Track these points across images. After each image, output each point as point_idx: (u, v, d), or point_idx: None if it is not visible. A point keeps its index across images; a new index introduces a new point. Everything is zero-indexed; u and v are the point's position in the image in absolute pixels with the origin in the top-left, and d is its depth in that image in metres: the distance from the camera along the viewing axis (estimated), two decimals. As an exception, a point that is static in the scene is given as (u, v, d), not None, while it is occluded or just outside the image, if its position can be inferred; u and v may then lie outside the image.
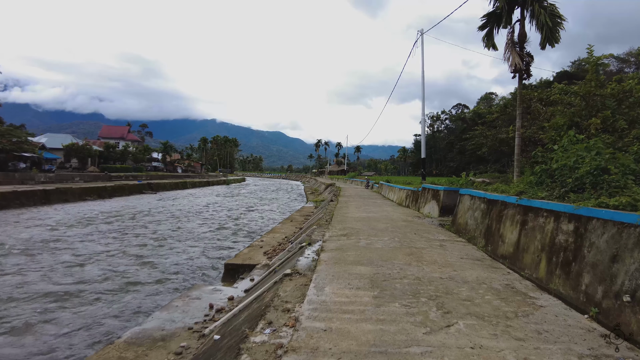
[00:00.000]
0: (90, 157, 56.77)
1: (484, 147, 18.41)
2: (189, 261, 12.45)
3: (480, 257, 6.10)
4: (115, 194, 39.11)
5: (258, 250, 12.24)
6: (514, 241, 5.82)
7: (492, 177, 14.21)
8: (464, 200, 8.82)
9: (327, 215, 12.20)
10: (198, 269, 11.52)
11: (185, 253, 13.47)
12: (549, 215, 4.99)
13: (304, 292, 4.51)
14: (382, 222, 9.68)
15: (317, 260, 5.91)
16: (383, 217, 11.13)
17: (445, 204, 11.06)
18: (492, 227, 6.86)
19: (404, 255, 5.83)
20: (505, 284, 4.52)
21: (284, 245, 12.57)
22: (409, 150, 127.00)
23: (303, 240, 9.81)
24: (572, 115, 10.15)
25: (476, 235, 7.51)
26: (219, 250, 14.31)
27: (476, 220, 7.77)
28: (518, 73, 12.82)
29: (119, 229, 17.68)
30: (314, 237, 8.62)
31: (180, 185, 57.18)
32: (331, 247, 6.51)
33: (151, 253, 13.19)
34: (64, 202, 30.21)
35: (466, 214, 8.50)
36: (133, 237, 16.03)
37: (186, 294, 7.94)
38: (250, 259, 10.97)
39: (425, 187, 13.71)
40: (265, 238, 14.39)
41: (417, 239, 7.37)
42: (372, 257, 5.70)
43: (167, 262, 12.17)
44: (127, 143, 73.17)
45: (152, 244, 14.66)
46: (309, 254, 6.77)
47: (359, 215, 11.51)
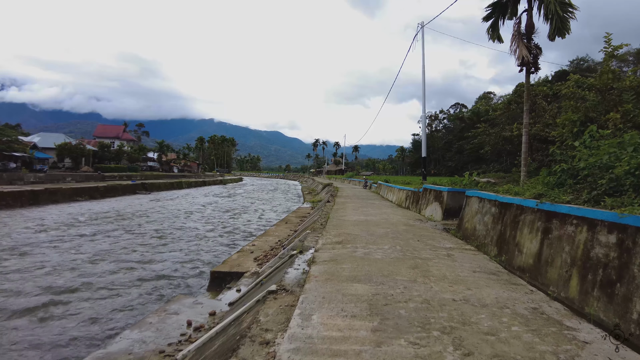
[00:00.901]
0: (84, 156, 55.74)
1: (486, 145, 17.64)
2: (175, 267, 11.63)
3: (494, 269, 5.31)
4: (107, 195, 38.24)
5: (248, 255, 11.44)
6: (535, 252, 5.03)
7: (498, 177, 13.44)
8: (472, 202, 8.03)
9: (322, 218, 11.40)
10: (183, 277, 10.70)
11: (172, 258, 12.64)
12: (580, 224, 4.19)
13: (288, 316, 3.71)
14: (382, 227, 8.88)
15: (308, 273, 5.11)
16: (382, 220, 10.33)
17: (449, 206, 10.27)
18: (505, 234, 6.07)
19: (408, 269, 5.02)
20: (532, 308, 3.73)
21: (276, 251, 11.77)
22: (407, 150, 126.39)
23: (295, 246, 9.01)
24: (587, 110, 9.37)
25: (486, 242, 6.72)
26: (208, 254, 13.49)
27: (486, 226, 6.98)
28: (525, 66, 12.07)
29: (103, 231, 16.82)
30: (307, 244, 7.82)
31: (175, 185, 56.27)
32: (324, 258, 5.70)
33: (134, 258, 12.35)
34: (54, 203, 29.33)
35: (474, 218, 7.71)
36: (117, 240, 15.18)
37: (163, 308, 7.13)
38: (239, 265, 10.17)
39: (426, 187, 12.92)
40: (257, 242, 13.58)
41: (421, 247, 6.56)
42: (371, 271, 4.90)
43: (150, 268, 11.34)
44: (122, 142, 72.13)
45: (137, 248, 13.81)
46: (300, 264, 5.97)
47: (357, 218, 10.70)
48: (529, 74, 12.09)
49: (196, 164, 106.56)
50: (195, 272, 11.25)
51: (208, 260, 12.87)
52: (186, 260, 12.54)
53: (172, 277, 10.60)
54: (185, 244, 14.96)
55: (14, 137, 40.79)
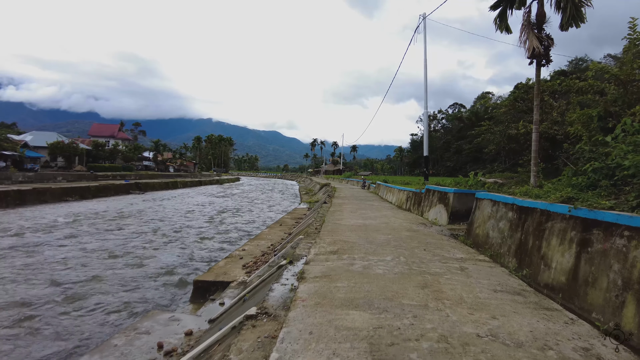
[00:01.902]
0: (77, 156, 54.67)
1: (491, 144, 16.80)
2: (157, 274, 10.73)
3: (518, 288, 4.45)
4: (99, 194, 37.27)
5: (236, 262, 10.55)
6: (568, 268, 4.17)
7: (505, 177, 12.59)
8: (483, 206, 7.17)
9: (317, 222, 10.52)
10: (165, 285, 9.80)
11: (154, 264, 11.74)
12: (635, 236, 3.34)
13: (267, 353, 2.86)
14: (382, 232, 8.00)
15: (295, 292, 4.25)
16: (382, 224, 9.46)
17: (456, 209, 9.40)
18: (527, 243, 5.21)
19: (416, 288, 4.15)
20: (582, 348, 2.86)
21: (267, 257, 10.89)
22: (405, 150, 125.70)
23: (286, 253, 8.13)
24: (607, 104, 8.54)
25: (502, 252, 5.86)
26: (195, 260, 12.59)
27: (502, 233, 6.11)
28: (536, 58, 11.23)
29: (87, 233, 15.87)
30: (298, 252, 6.96)
31: (170, 185, 55.29)
32: (315, 273, 4.83)
33: (114, 263, 11.44)
34: (42, 203, 28.37)
35: (486, 223, 6.85)
36: (99, 243, 14.24)
37: (134, 327, 6.24)
38: (225, 274, 9.28)
39: (429, 188, 12.06)
40: (248, 246, 12.69)
41: (429, 258, 5.69)
42: (371, 291, 4.02)
43: (129, 276, 10.43)
44: (117, 142, 71.02)
45: (119, 252, 12.89)
46: (288, 278, 5.10)
47: (354, 222, 9.83)
48: (539, 67, 11.21)
49: (193, 163, 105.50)
50: (178, 280, 10.35)
51: (194, 266, 11.98)
52: (170, 266, 11.64)
53: (154, 286, 9.70)
54: (171, 248, 14.05)
55: (3, 136, 39.73)
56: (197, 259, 12.78)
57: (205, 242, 15.53)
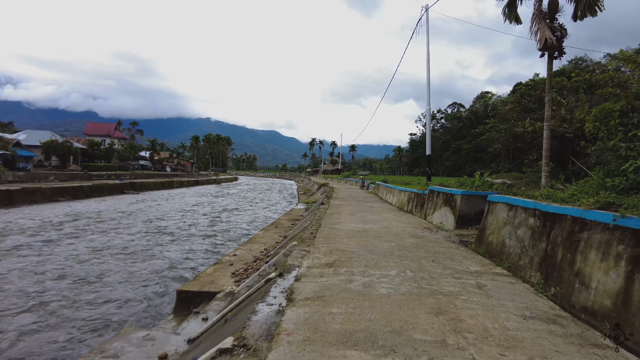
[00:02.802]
0: (72, 155, 53.70)
1: (496, 143, 16.05)
2: (141, 282, 9.94)
3: (550, 313, 3.68)
4: (92, 194, 36.42)
5: (226, 269, 9.77)
6: (616, 290, 3.40)
7: (513, 177, 11.84)
8: (497, 210, 6.40)
9: (313, 226, 9.74)
10: (147, 295, 9.00)
11: (139, 270, 10.94)
12: None
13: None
14: (384, 239, 7.21)
15: (282, 317, 3.48)
16: (384, 229, 8.68)
17: (464, 213, 8.63)
18: (555, 256, 4.45)
19: (430, 315, 3.38)
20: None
21: (259, 263, 10.10)
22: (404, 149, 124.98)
23: (278, 262, 7.36)
24: (629, 98, 7.78)
25: (523, 264, 5.09)
26: (183, 266, 11.79)
27: (521, 242, 5.35)
28: (548, 50, 10.48)
29: (69, 236, 15.00)
30: (290, 262, 6.18)
31: (166, 184, 54.43)
32: (307, 293, 4.04)
33: (95, 270, 10.63)
34: (31, 204, 27.53)
35: (501, 230, 6.08)
36: (80, 247, 13.38)
37: (101, 348, 5.48)
38: (212, 283, 8.51)
39: (433, 189, 11.29)
40: (240, 251, 11.91)
41: (439, 271, 4.91)
42: (374, 320, 3.24)
43: (110, 283, 9.64)
44: (113, 141, 69.95)
45: (100, 257, 12.06)
46: (276, 296, 4.33)
47: (353, 226, 9.04)
48: (551, 59, 10.47)
49: (190, 163, 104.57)
50: (163, 289, 9.56)
51: (182, 272, 11.20)
52: (156, 272, 10.85)
53: (135, 296, 8.91)
54: (159, 252, 13.25)
55: (-7, 134, 38.79)
56: (185, 264, 11.99)
57: (196, 245, 14.74)
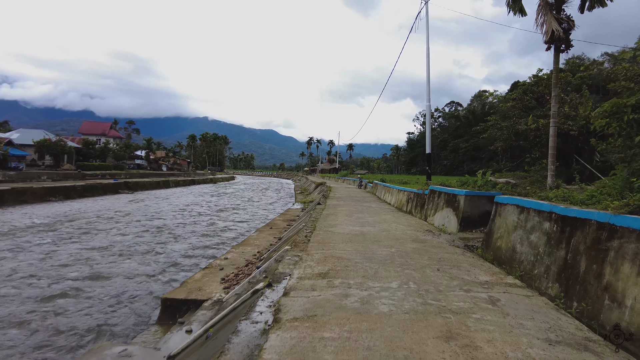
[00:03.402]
0: (66, 154, 52.97)
1: (497, 141, 15.57)
2: (127, 287, 9.39)
3: (580, 336, 3.17)
4: (86, 194, 35.75)
5: (216, 274, 9.25)
6: (656, 309, 2.91)
7: (517, 177, 11.35)
8: (506, 212, 5.90)
9: (308, 228, 9.22)
10: (131, 303, 8.46)
11: (127, 275, 10.39)
12: None
13: None
14: (383, 244, 6.69)
15: (267, 338, 2.96)
16: (383, 232, 8.16)
17: (467, 215, 8.12)
18: (577, 266, 3.95)
19: (439, 341, 2.86)
20: None
21: (252, 267, 9.56)
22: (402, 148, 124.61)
23: (269, 269, 6.83)
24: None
25: (537, 273, 4.59)
26: (172, 270, 11.25)
27: (534, 249, 4.85)
28: (555, 43, 9.99)
29: (56, 237, 14.40)
30: (281, 269, 5.67)
31: (162, 184, 53.77)
32: (295, 311, 3.52)
33: (76, 275, 10.06)
34: (22, 204, 26.89)
35: (511, 234, 5.57)
36: (66, 249, 12.78)
37: (70, 368, 4.96)
38: (200, 290, 7.98)
39: (434, 189, 10.79)
40: (232, 254, 11.38)
41: (446, 283, 4.40)
42: (374, 349, 2.72)
43: (92, 289, 9.09)
44: (108, 140, 69.20)
45: (87, 260, 11.49)
46: (262, 311, 3.80)
47: (350, 229, 8.52)
48: (558, 52, 9.98)
49: (187, 162, 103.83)
50: (149, 295, 9.03)
51: (172, 276, 10.68)
52: (144, 276, 10.31)
53: (118, 304, 8.37)
54: (148, 254, 12.70)
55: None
56: (175, 267, 11.45)
57: (187, 247, 14.19)
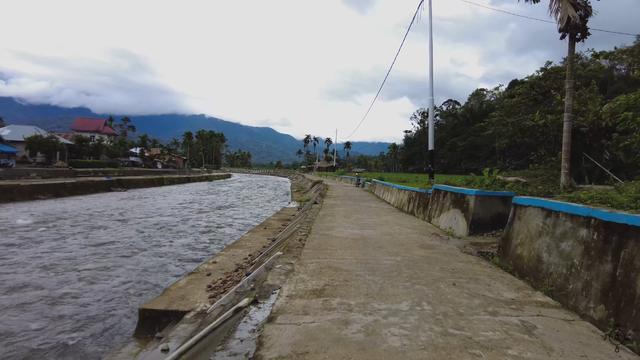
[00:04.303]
0: (58, 151, 51.94)
1: (502, 138, 14.85)
2: (106, 295, 8.61)
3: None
4: (76, 192, 34.83)
5: (202, 280, 8.47)
6: None
7: (527, 175, 10.64)
8: (528, 216, 5.16)
9: (303, 230, 8.46)
10: (109, 314, 7.68)
11: (107, 280, 9.60)
12: None
13: None
14: (387, 251, 5.92)
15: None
16: (385, 236, 7.40)
17: (478, 217, 7.38)
18: (632, 285, 3.21)
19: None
20: None
21: (241, 273, 8.79)
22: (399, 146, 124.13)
23: (258, 277, 6.06)
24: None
25: (574, 289, 3.85)
26: (157, 274, 10.47)
27: (567, 259, 4.11)
28: (570, 31, 9.27)
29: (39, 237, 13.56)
30: (270, 280, 4.92)
31: (156, 181, 52.80)
32: (281, 348, 2.74)
33: (52, 281, 9.25)
34: (8, 202, 26.01)
35: (535, 241, 4.84)
36: (45, 251, 11.97)
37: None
38: (183, 299, 7.20)
39: (438, 188, 10.05)
40: (221, 257, 10.60)
41: (466, 302, 3.64)
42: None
43: (68, 296, 8.30)
44: (102, 137, 68.07)
45: (66, 264, 10.68)
46: (243, 339, 3.05)
47: (349, 232, 7.76)
48: (574, 41, 9.26)
49: (182, 159, 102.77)
50: (129, 304, 8.25)
51: (158, 281, 9.91)
52: (126, 282, 9.53)
53: (93, 315, 7.59)
54: (134, 257, 11.91)
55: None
56: (160, 271, 10.67)
57: (176, 249, 13.39)
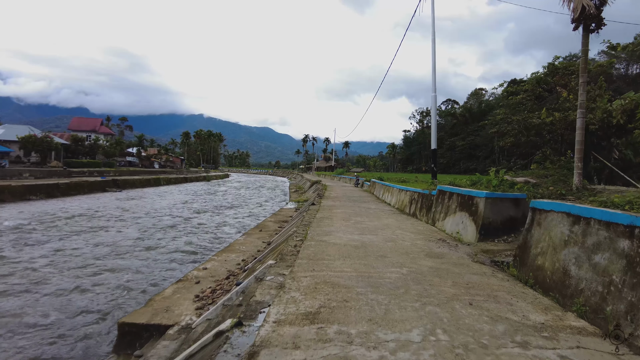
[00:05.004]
0: (53, 150, 51.19)
1: (507, 136, 14.27)
2: (86, 306, 7.99)
3: None
4: (70, 193, 34.13)
5: (190, 288, 7.86)
6: None
7: (537, 175, 10.06)
8: (550, 222, 4.56)
9: (298, 235, 7.86)
10: (87, 327, 7.07)
11: (88, 289, 8.98)
12: None
13: None
14: (391, 261, 5.29)
15: None
16: (388, 243, 6.79)
17: (489, 221, 6.78)
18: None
19: None
20: None
21: (232, 281, 8.17)
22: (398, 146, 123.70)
23: (248, 289, 5.45)
24: None
25: (615, 312, 3.26)
26: (143, 281, 9.85)
27: (604, 275, 3.52)
28: (584, 21, 8.70)
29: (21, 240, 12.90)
30: (259, 296, 4.30)
31: (152, 182, 52.08)
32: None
33: (23, 292, 8.61)
34: (-1, 203, 25.36)
35: (560, 251, 4.24)
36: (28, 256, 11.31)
37: None
38: (168, 310, 6.58)
39: (443, 189, 9.46)
40: (213, 263, 9.99)
41: (488, 328, 3.05)
42: None
43: (44, 306, 7.69)
44: (98, 136, 67.30)
45: (45, 270, 10.05)
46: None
47: (348, 238, 7.14)
48: (588, 32, 8.66)
49: (180, 159, 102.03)
50: (111, 316, 7.63)
51: (145, 287, 9.31)
52: (109, 291, 8.91)
53: (70, 328, 6.97)
54: (120, 262, 11.29)
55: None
56: (147, 278, 10.05)
57: (166, 253, 12.77)
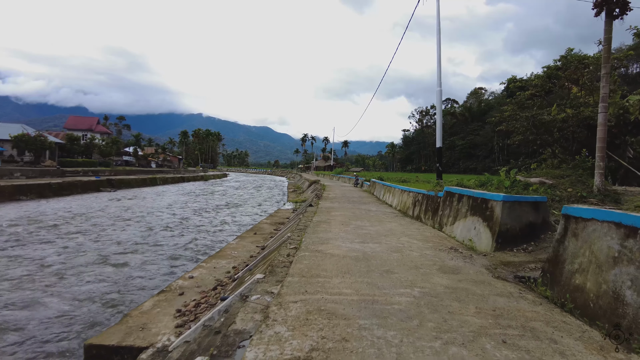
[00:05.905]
0: (47, 150, 50.34)
1: (515, 134, 13.49)
2: (49, 325, 7.19)
3: None
4: (62, 193, 33.30)
5: (172, 301, 7.05)
6: None
7: (553, 176, 9.27)
8: (592, 233, 3.78)
9: (292, 242, 7.06)
10: (55, 347, 6.28)
11: (58, 301, 8.17)
12: None
13: None
14: (399, 277, 4.49)
15: None
16: (393, 253, 5.98)
17: (506, 228, 5.98)
18: None
19: None
20: None
21: (219, 293, 7.40)
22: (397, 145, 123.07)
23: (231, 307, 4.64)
24: None
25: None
26: (125, 292, 9.05)
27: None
28: (607, 6, 7.95)
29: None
30: (240, 323, 3.52)
31: (148, 181, 51.24)
32: None
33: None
34: (-14, 203, 24.53)
35: (608, 271, 3.46)
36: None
37: None
38: (144, 329, 5.75)
39: (451, 191, 8.67)
40: (201, 270, 9.19)
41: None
42: None
43: (10, 323, 6.89)
44: (94, 135, 66.40)
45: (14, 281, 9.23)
46: None
47: (347, 247, 6.34)
48: (611, 19, 7.89)
49: (177, 158, 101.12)
50: (81, 335, 6.84)
51: (127, 298, 8.52)
52: (82, 304, 8.12)
53: (29, 352, 6.17)
54: (100, 270, 10.48)
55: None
56: (128, 288, 9.24)
57: (154, 258, 11.97)
